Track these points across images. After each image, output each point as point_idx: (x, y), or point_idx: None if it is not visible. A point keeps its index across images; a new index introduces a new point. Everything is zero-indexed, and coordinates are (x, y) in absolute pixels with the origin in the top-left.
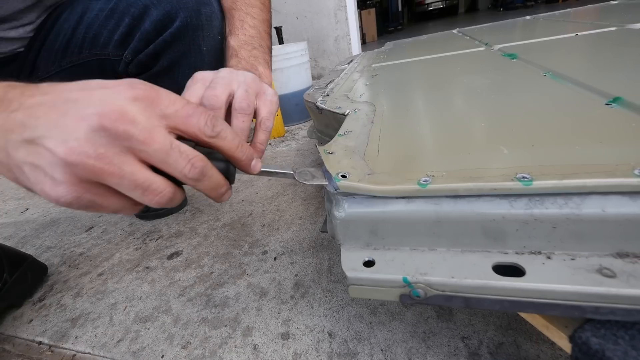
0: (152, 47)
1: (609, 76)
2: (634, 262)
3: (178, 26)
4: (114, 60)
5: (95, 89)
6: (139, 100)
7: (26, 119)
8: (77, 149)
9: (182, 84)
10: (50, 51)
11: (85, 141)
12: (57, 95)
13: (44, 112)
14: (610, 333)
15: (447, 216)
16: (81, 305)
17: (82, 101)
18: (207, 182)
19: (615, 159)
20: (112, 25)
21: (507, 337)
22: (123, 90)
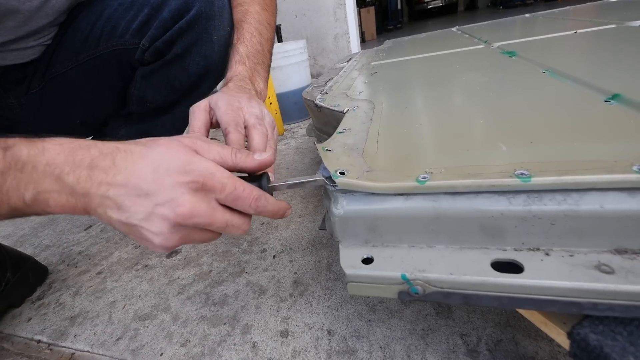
0: (169, 34)
1: (608, 73)
2: (633, 259)
3: (194, 14)
4: (130, 49)
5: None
6: (198, 192)
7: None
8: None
9: (191, 70)
10: (66, 50)
11: (171, 231)
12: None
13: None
14: (609, 329)
15: (446, 213)
16: (80, 303)
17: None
18: (269, 207)
19: (613, 155)
20: (131, 16)
21: (505, 334)
22: (185, 185)
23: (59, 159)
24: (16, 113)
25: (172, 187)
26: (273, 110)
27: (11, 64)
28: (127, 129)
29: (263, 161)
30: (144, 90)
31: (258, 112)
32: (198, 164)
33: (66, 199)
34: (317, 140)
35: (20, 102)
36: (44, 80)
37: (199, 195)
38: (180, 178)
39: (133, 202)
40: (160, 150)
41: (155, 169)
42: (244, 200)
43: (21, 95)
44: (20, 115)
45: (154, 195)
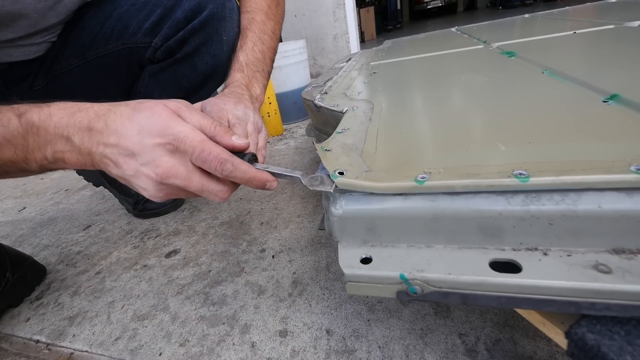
0: (182, 33)
1: (607, 74)
2: (630, 258)
3: (206, 15)
4: (141, 47)
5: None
6: (174, 153)
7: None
8: (158, 183)
9: (200, 69)
10: (72, 48)
11: (155, 188)
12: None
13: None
14: (606, 329)
15: (444, 213)
16: (79, 303)
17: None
18: (238, 172)
19: (612, 155)
20: (143, 16)
21: (504, 333)
22: (162, 147)
23: (63, 121)
24: None
25: (152, 148)
26: (272, 110)
27: (16, 60)
28: None
29: (238, 145)
30: (151, 89)
31: (242, 114)
32: (174, 127)
33: (77, 157)
34: (316, 140)
35: (22, 98)
36: (47, 77)
37: (176, 156)
38: (158, 139)
39: (124, 161)
40: (145, 113)
41: (139, 131)
42: (210, 162)
43: (24, 92)
44: None
45: (139, 155)
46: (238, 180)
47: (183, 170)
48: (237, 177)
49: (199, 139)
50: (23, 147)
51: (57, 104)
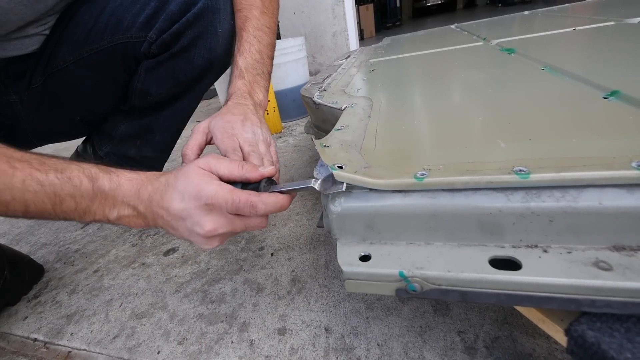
0: (176, 26)
1: (607, 70)
2: (631, 255)
3: (200, 7)
4: (136, 42)
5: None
6: (213, 211)
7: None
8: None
9: (196, 62)
10: (67, 44)
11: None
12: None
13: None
14: (606, 326)
15: (444, 210)
16: (77, 302)
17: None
18: (269, 207)
19: (612, 151)
20: (137, 10)
21: (503, 331)
22: (200, 208)
23: (131, 193)
24: (17, 110)
25: (194, 211)
26: (271, 108)
27: (11, 55)
28: (127, 125)
29: (265, 173)
30: (147, 84)
31: (251, 136)
32: (205, 188)
33: (141, 221)
34: (315, 138)
35: (21, 97)
36: (45, 74)
37: (214, 213)
38: (196, 203)
39: (177, 224)
40: (182, 181)
41: (181, 199)
42: (243, 208)
43: (22, 90)
44: (21, 112)
45: (186, 219)
46: (271, 212)
47: (224, 221)
48: (269, 210)
49: (228, 191)
50: (87, 206)
51: (124, 173)
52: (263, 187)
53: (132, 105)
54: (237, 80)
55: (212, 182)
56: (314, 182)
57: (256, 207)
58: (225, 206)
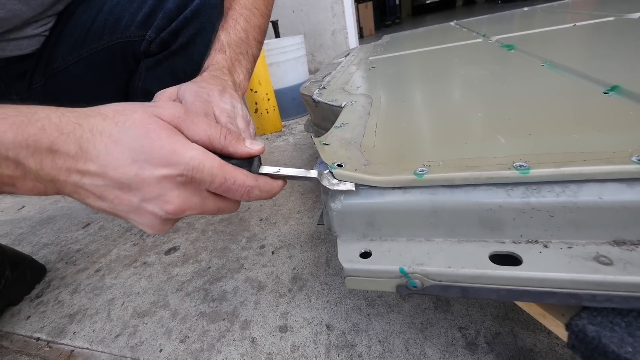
0: (175, 24)
1: (607, 65)
2: (632, 250)
3: (197, 3)
4: (135, 41)
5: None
6: (187, 185)
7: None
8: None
9: (195, 59)
10: (66, 44)
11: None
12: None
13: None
14: (607, 320)
15: (444, 206)
16: (79, 301)
17: (152, 199)
18: (264, 194)
19: (612, 146)
20: (134, 8)
21: (504, 326)
22: (171, 179)
23: (8, 137)
24: None
25: (158, 182)
26: (271, 107)
27: (10, 55)
28: None
29: (254, 151)
30: (148, 82)
31: (229, 107)
32: (184, 153)
33: (32, 184)
34: (314, 136)
35: (22, 98)
36: (45, 75)
37: (188, 188)
38: (164, 171)
39: (115, 195)
40: (136, 133)
41: (134, 159)
42: (235, 191)
43: (23, 91)
44: None
45: (139, 190)
46: (260, 199)
47: (197, 200)
48: (260, 197)
49: (217, 164)
50: None
51: (3, 108)
52: (255, 169)
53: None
54: (216, 53)
55: (193, 147)
56: (319, 174)
57: (251, 193)
58: (210, 181)
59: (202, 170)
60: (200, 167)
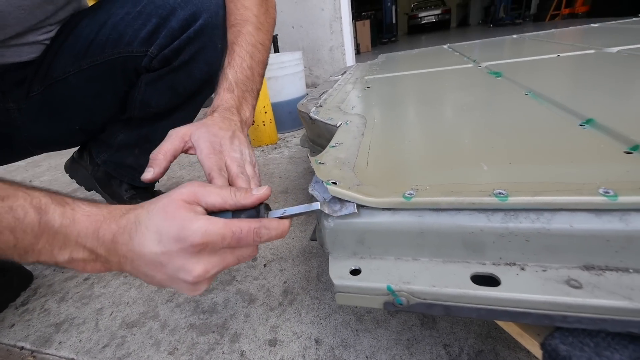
0: (177, 42)
1: (585, 98)
2: (599, 274)
3: (201, 24)
4: (137, 56)
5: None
6: (203, 252)
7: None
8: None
9: (196, 76)
10: (67, 55)
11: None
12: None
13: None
14: (577, 340)
15: (430, 228)
16: (66, 310)
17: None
18: (272, 232)
19: (583, 178)
20: (139, 25)
21: (486, 344)
22: (186, 251)
23: (88, 232)
24: (14, 118)
25: (177, 255)
26: (268, 119)
27: (10, 61)
28: (126, 134)
29: (261, 196)
30: (148, 96)
31: (239, 156)
32: (191, 227)
33: (101, 265)
34: (310, 152)
35: (19, 106)
36: (44, 84)
37: (204, 253)
38: (179, 245)
39: (152, 270)
40: (159, 217)
41: (159, 241)
42: (246, 238)
43: (20, 99)
44: (18, 120)
45: (167, 265)
46: (272, 239)
47: (216, 260)
48: (272, 236)
49: (221, 225)
50: (30, 244)
51: (81, 206)
52: (262, 213)
53: (131, 115)
54: (225, 92)
55: (198, 218)
56: (321, 204)
57: (260, 234)
58: (222, 241)
59: (210, 236)
60: (207, 233)
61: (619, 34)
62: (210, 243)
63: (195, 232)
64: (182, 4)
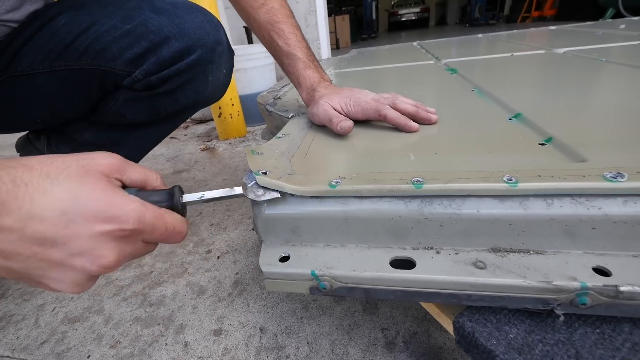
0: (166, 72)
1: (521, 94)
2: (503, 256)
3: (194, 59)
4: (119, 74)
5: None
6: (124, 238)
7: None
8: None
9: (180, 101)
10: (38, 49)
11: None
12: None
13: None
14: (482, 317)
15: (354, 215)
16: (4, 307)
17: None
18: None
19: (495, 166)
20: (126, 44)
21: (421, 327)
22: (107, 234)
23: None
24: None
25: (92, 235)
26: (235, 112)
27: None
28: (94, 133)
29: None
30: (124, 109)
31: (373, 94)
32: (123, 206)
33: None
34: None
35: None
36: (5, 74)
37: (125, 241)
38: (101, 227)
39: (32, 252)
40: (69, 186)
41: (64, 212)
42: (174, 238)
43: None
44: None
45: (66, 244)
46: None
47: (130, 250)
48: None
49: (157, 214)
50: None
51: None
52: (177, 196)
53: (101, 119)
54: (307, 70)
55: (131, 199)
56: (244, 189)
57: (182, 235)
58: (150, 233)
59: (144, 222)
60: (142, 219)
61: (571, 36)
62: (138, 231)
63: (128, 215)
64: (178, 35)
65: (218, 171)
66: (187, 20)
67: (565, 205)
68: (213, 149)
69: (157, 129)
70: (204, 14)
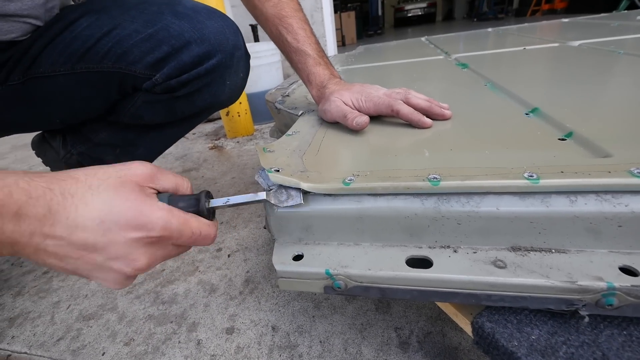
0: (186, 76)
1: (537, 88)
2: (524, 255)
3: (213, 63)
4: (139, 77)
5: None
6: (154, 244)
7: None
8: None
9: (197, 104)
10: (60, 51)
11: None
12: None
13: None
14: (502, 318)
15: (368, 213)
16: (21, 304)
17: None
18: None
19: (514, 163)
20: (147, 48)
21: (435, 326)
22: (139, 241)
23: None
24: None
25: (125, 242)
26: (243, 110)
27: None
28: (110, 133)
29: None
30: (142, 111)
31: (384, 90)
32: (150, 215)
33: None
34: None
35: None
36: (26, 75)
37: (154, 246)
38: (132, 234)
39: (79, 255)
40: (106, 197)
41: (102, 221)
42: (202, 242)
43: None
44: None
45: (104, 249)
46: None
47: (161, 253)
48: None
49: (183, 220)
50: None
51: None
52: (203, 201)
53: (118, 120)
54: (317, 67)
55: (159, 207)
56: (267, 194)
57: (210, 238)
58: (177, 238)
59: (170, 229)
60: (168, 227)
61: (585, 28)
62: (167, 237)
63: (155, 222)
64: (199, 40)
65: (227, 169)
66: (208, 25)
67: (589, 202)
68: (221, 147)
69: (172, 130)
70: (224, 20)
